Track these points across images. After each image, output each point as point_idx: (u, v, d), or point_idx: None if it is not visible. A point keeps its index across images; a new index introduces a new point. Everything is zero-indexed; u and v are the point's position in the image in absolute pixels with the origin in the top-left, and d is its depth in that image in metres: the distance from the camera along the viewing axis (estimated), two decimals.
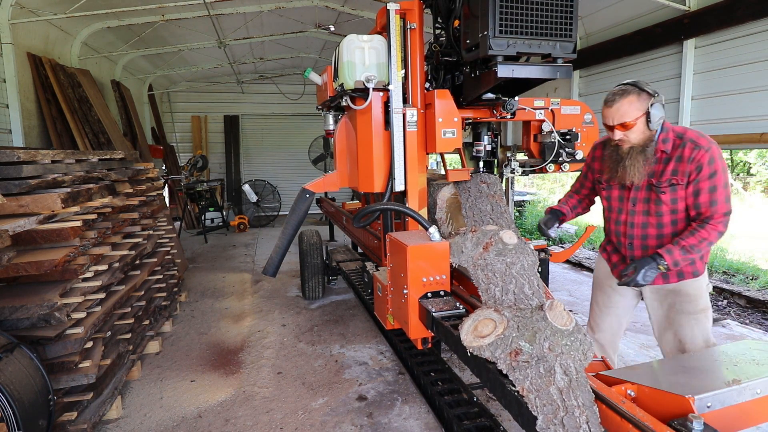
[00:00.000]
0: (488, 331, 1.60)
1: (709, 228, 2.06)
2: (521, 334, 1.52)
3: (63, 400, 2.57)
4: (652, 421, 1.31)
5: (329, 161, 9.03)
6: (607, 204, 2.43)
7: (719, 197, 2.07)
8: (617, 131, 2.15)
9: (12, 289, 2.60)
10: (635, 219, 2.28)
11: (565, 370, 1.41)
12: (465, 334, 1.67)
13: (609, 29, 5.77)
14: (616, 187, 2.34)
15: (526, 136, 3.71)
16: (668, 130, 2.17)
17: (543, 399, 1.36)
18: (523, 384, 1.42)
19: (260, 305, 5.18)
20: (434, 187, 3.33)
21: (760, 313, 4.85)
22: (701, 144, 2.07)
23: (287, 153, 11.76)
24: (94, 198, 3.21)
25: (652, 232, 2.25)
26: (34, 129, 5.28)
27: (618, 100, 2.11)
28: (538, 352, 1.46)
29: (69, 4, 5.24)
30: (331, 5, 7.20)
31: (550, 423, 1.32)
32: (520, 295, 1.88)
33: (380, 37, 3.04)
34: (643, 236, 2.28)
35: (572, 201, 2.71)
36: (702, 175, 2.06)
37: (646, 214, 2.25)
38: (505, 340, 1.54)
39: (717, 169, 2.05)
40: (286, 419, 2.99)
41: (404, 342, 3.62)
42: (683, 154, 2.09)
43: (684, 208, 2.16)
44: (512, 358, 1.48)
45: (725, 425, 1.37)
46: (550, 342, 1.46)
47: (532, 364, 1.44)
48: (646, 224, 2.26)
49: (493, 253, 2.03)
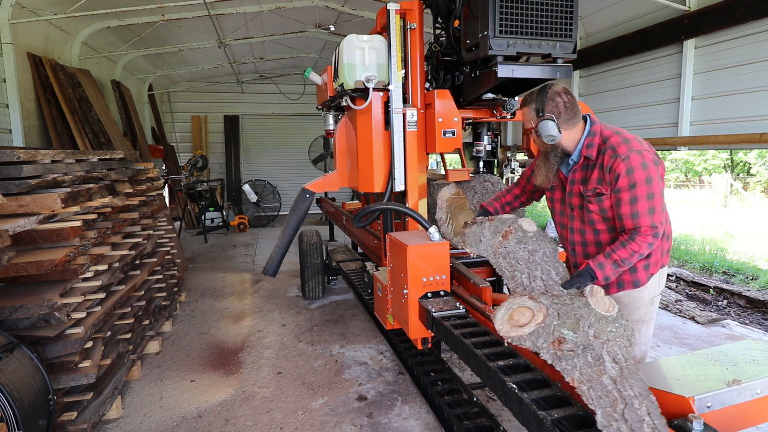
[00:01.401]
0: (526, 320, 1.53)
1: (639, 240, 1.92)
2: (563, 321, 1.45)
3: (63, 399, 2.56)
4: None
5: (329, 161, 9.03)
6: (551, 205, 2.37)
7: (641, 209, 1.91)
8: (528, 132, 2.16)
9: (12, 289, 2.60)
10: (574, 224, 2.20)
11: (614, 358, 1.33)
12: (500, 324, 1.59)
13: (609, 29, 5.77)
14: (558, 188, 2.26)
15: (526, 136, 3.71)
16: (595, 134, 2.05)
17: (597, 390, 1.28)
18: (573, 375, 1.34)
19: (260, 305, 5.18)
20: (434, 187, 3.33)
21: (760, 313, 4.85)
22: (619, 152, 1.93)
23: (287, 153, 11.77)
24: (94, 198, 3.20)
25: (590, 238, 2.16)
26: (34, 129, 5.28)
27: (522, 107, 2.14)
28: (583, 340, 1.38)
29: (69, 4, 5.24)
30: (331, 5, 7.20)
31: (610, 418, 1.21)
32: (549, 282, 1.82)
33: (380, 37, 3.04)
34: (582, 243, 2.19)
35: (509, 196, 2.61)
36: (620, 185, 1.92)
37: (582, 222, 2.16)
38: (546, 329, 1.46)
39: (637, 179, 1.89)
40: (286, 419, 2.99)
41: (404, 342, 3.62)
42: (603, 162, 1.98)
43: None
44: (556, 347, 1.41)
45: (725, 425, 1.37)
46: (595, 329, 1.38)
47: (578, 353, 1.36)
48: (583, 231, 2.17)
49: (513, 241, 1.99)
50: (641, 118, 5.37)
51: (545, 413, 1.35)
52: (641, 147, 1.96)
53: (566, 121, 2.03)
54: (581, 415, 1.35)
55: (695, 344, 4.02)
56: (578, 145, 2.08)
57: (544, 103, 2.03)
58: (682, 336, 4.15)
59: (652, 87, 5.28)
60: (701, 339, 4.12)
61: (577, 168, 2.13)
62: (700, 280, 5.85)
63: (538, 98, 2.05)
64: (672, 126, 5.00)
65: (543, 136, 2.04)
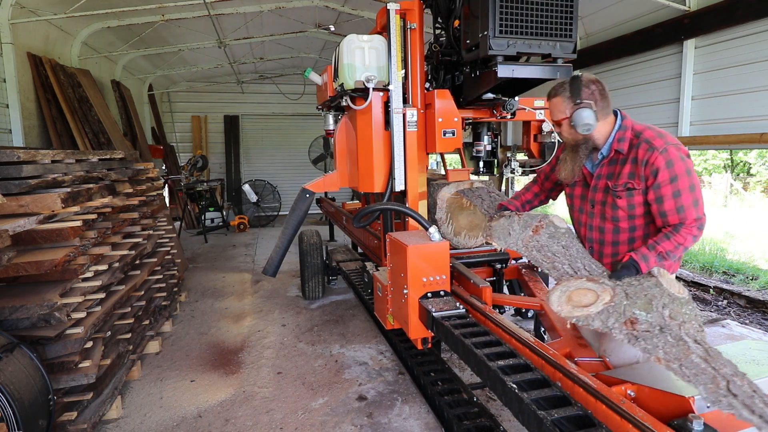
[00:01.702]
0: (589, 300, 1.48)
1: (684, 232, 1.87)
2: (633, 302, 1.40)
3: (63, 399, 2.56)
4: (652, 421, 1.31)
5: (329, 161, 9.03)
6: (570, 202, 2.29)
7: (685, 202, 1.87)
8: (555, 125, 2.09)
9: (12, 289, 2.60)
10: (593, 221, 2.13)
11: (694, 339, 1.29)
12: (558, 305, 1.55)
13: (609, 29, 5.77)
14: (579, 184, 2.19)
15: (526, 136, 3.71)
16: (627, 128, 2.00)
17: (691, 368, 1.23)
18: (657, 353, 1.29)
19: (260, 305, 5.18)
20: (434, 187, 3.33)
21: (760, 313, 4.85)
22: (656, 145, 1.88)
23: (287, 153, 11.76)
24: (94, 198, 3.20)
25: (608, 238, 2.08)
26: (34, 129, 5.28)
27: (551, 98, 2.04)
28: (657, 320, 1.33)
29: (69, 4, 5.24)
30: (331, 5, 7.20)
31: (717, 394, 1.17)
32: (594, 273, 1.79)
33: (380, 37, 3.05)
34: (600, 241, 2.12)
35: (528, 195, 2.55)
36: (660, 180, 1.87)
37: (603, 219, 2.08)
38: (617, 308, 1.41)
39: (678, 172, 1.86)
40: (286, 419, 2.99)
41: (404, 342, 3.62)
42: (637, 156, 1.93)
43: (642, 214, 1.99)
44: (629, 327, 1.36)
45: (725, 425, 1.37)
46: (670, 310, 1.34)
47: (655, 333, 1.32)
48: (603, 229, 2.09)
49: (545, 236, 1.97)
50: (641, 118, 5.30)
51: (545, 413, 1.35)
52: (676, 141, 1.93)
53: (601, 110, 1.97)
54: (581, 414, 1.35)
55: None
56: (609, 138, 2.02)
57: (579, 90, 1.95)
58: None
59: (652, 87, 5.28)
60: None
61: (604, 163, 2.06)
62: (700, 280, 5.85)
63: (571, 87, 1.97)
64: (672, 126, 5.00)
65: (579, 125, 1.94)
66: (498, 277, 3.38)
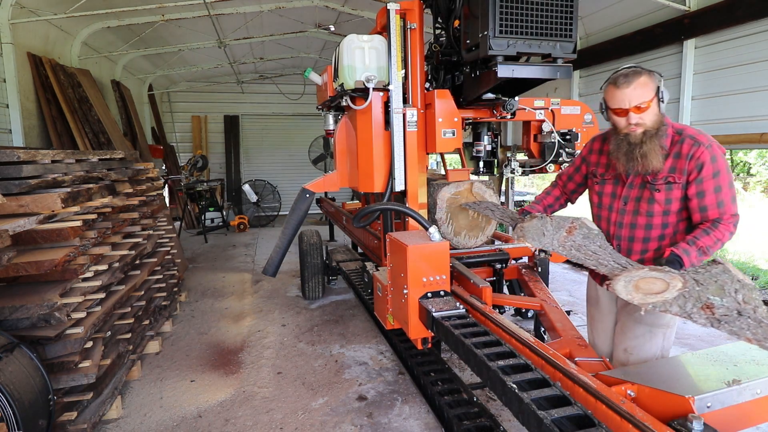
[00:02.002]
0: (660, 288, 1.52)
1: (722, 228, 1.90)
2: (704, 288, 1.44)
3: (63, 399, 2.57)
4: (652, 421, 1.31)
5: (329, 161, 9.03)
6: (598, 200, 2.27)
7: (725, 197, 1.92)
8: (633, 115, 1.97)
9: (12, 289, 2.60)
10: (624, 219, 2.13)
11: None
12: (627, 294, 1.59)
13: (609, 29, 5.77)
14: (610, 182, 2.20)
15: (526, 136, 3.71)
16: (667, 125, 2.02)
17: None
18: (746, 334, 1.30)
19: (260, 305, 5.18)
20: (434, 187, 3.33)
21: None
22: (701, 141, 1.93)
23: (287, 153, 11.77)
24: (94, 198, 3.20)
25: (639, 234, 2.10)
26: (34, 129, 5.28)
27: (633, 81, 1.94)
28: (732, 305, 1.35)
29: (69, 4, 5.24)
30: (331, 5, 7.20)
31: None
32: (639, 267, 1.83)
33: (380, 37, 3.05)
34: (630, 238, 2.13)
35: (549, 198, 2.55)
36: (704, 174, 1.91)
37: (636, 214, 2.09)
38: (692, 294, 1.44)
39: (720, 168, 1.91)
40: (286, 419, 2.99)
41: (404, 342, 3.62)
42: (681, 151, 1.95)
43: (677, 210, 2.02)
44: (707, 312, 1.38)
45: (725, 425, 1.37)
46: (743, 294, 1.36)
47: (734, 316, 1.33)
48: (635, 225, 2.10)
49: (579, 236, 2.01)
50: None
51: (545, 413, 1.35)
52: (714, 139, 1.98)
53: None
54: (581, 414, 1.35)
55: (695, 344, 4.02)
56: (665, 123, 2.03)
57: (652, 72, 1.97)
58: (682, 336, 4.15)
59: None
60: (701, 339, 4.11)
61: None
62: None
63: (640, 66, 1.97)
64: None
65: (665, 99, 1.97)
66: (498, 277, 3.38)
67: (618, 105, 1.99)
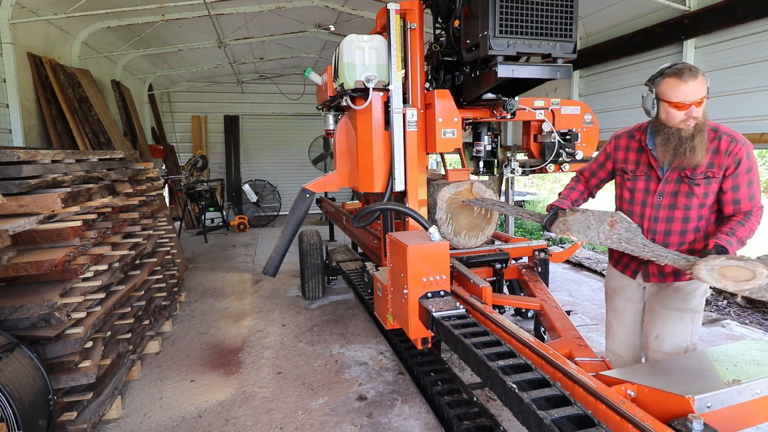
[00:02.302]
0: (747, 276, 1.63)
1: (753, 220, 2.04)
2: None
3: (63, 399, 2.57)
4: (652, 421, 1.31)
5: (329, 161, 9.03)
6: (629, 196, 2.30)
7: (755, 192, 2.07)
8: (694, 108, 2.02)
9: (12, 289, 2.60)
10: (660, 213, 2.19)
11: None
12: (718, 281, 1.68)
13: (609, 29, 5.76)
14: (642, 178, 2.25)
15: (526, 136, 3.71)
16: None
17: None
18: None
19: (260, 305, 5.18)
20: (434, 187, 3.33)
21: (760, 313, 4.85)
22: (737, 138, 2.07)
23: (287, 153, 11.76)
24: (94, 198, 3.20)
25: (676, 227, 2.17)
26: (34, 129, 5.28)
27: (698, 75, 2.00)
28: None
29: (69, 4, 5.24)
30: (331, 5, 7.20)
31: None
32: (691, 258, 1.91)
33: (380, 37, 3.05)
34: (666, 232, 2.19)
35: (574, 194, 2.56)
36: (741, 169, 2.04)
37: (673, 208, 2.16)
38: None
39: (753, 164, 2.07)
40: (286, 419, 2.99)
41: (404, 342, 3.62)
42: (719, 147, 2.06)
43: (711, 203, 2.12)
44: None
45: (725, 425, 1.37)
46: None
47: None
48: (671, 219, 2.17)
49: (622, 229, 2.09)
50: (641, 118, 5.33)
51: (545, 413, 1.35)
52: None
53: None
54: (581, 414, 1.35)
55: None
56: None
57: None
58: None
59: None
60: (701, 339, 4.10)
61: None
62: None
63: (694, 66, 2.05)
64: None
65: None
66: (498, 277, 3.38)
67: (682, 98, 2.02)
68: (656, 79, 2.09)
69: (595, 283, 5.90)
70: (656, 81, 2.09)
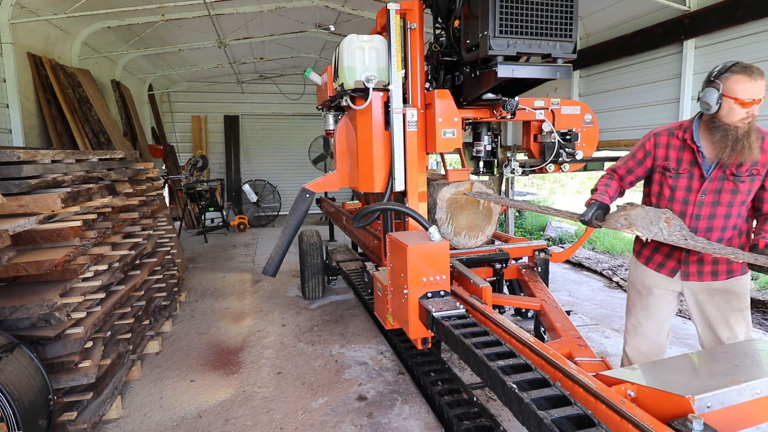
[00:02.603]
0: None
1: None
2: None
3: (63, 399, 2.57)
4: (652, 421, 1.31)
5: (329, 161, 9.03)
6: (670, 193, 2.31)
7: None
8: (756, 106, 2.04)
9: (12, 288, 2.60)
10: (702, 211, 2.22)
11: None
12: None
13: (609, 29, 5.76)
14: (685, 176, 2.26)
15: (526, 136, 3.71)
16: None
17: None
18: None
19: (260, 305, 5.18)
20: (434, 187, 3.33)
21: (760, 313, 4.85)
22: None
23: (287, 153, 11.76)
24: (94, 198, 3.21)
25: (718, 224, 2.22)
26: (34, 129, 5.28)
27: (762, 74, 2.03)
28: None
29: (69, 4, 5.24)
30: (331, 5, 7.20)
31: None
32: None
33: (380, 37, 3.05)
34: (707, 228, 2.23)
35: (611, 190, 2.49)
36: None
37: (715, 205, 2.20)
38: None
39: None
40: (286, 419, 2.99)
41: (404, 342, 3.62)
42: (763, 146, 2.11)
43: (750, 200, 2.20)
44: None
45: (725, 425, 1.37)
46: None
47: None
48: (714, 216, 2.21)
49: (676, 227, 2.13)
50: (641, 118, 5.37)
51: (545, 413, 1.35)
52: None
53: None
54: (581, 414, 1.35)
55: (695, 344, 4.01)
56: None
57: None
58: (682, 336, 4.15)
59: (652, 87, 5.28)
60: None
61: None
62: None
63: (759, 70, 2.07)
64: None
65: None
66: (498, 277, 3.38)
67: (750, 95, 2.02)
68: (722, 75, 2.06)
69: (595, 283, 5.90)
70: (722, 77, 2.06)
